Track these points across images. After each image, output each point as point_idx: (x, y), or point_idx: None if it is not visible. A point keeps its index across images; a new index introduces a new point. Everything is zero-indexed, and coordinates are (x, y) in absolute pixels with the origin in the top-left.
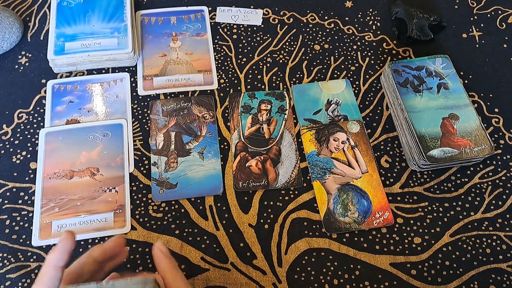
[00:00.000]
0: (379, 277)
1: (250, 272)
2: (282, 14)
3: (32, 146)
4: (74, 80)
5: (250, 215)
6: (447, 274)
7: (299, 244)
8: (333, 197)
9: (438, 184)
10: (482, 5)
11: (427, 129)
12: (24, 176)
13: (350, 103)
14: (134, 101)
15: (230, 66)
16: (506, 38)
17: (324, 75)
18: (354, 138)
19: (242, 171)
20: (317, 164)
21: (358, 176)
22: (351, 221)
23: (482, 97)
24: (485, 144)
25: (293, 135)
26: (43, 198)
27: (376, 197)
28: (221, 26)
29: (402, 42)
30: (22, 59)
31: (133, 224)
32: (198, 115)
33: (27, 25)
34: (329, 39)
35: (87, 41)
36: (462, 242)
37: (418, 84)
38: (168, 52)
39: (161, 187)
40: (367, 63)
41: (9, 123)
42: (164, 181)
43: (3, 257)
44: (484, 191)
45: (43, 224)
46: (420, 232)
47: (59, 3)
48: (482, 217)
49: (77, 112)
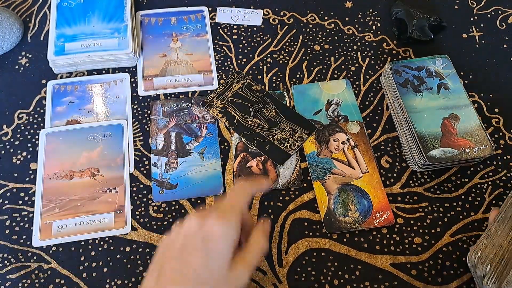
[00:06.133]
0: (380, 277)
1: None
2: (282, 14)
3: (33, 147)
4: (74, 81)
5: (251, 215)
6: (447, 274)
7: (299, 244)
8: (333, 197)
9: (438, 184)
10: (482, 5)
11: (427, 129)
12: (25, 176)
13: (350, 103)
14: (134, 101)
15: (230, 67)
16: (506, 38)
17: (324, 75)
18: (354, 138)
19: (242, 171)
20: (317, 165)
21: (358, 176)
22: (351, 220)
23: (482, 97)
24: (485, 144)
25: None
26: (44, 198)
27: (376, 196)
28: (221, 27)
29: (402, 42)
30: (22, 59)
31: (134, 224)
32: (198, 116)
33: (27, 25)
34: (329, 39)
35: (87, 42)
36: (463, 242)
37: (418, 84)
38: (168, 53)
39: (161, 188)
40: (367, 63)
41: (9, 123)
42: (165, 182)
43: (3, 258)
44: (485, 191)
45: (44, 225)
46: (420, 232)
47: (59, 3)
48: (482, 217)
49: (77, 113)
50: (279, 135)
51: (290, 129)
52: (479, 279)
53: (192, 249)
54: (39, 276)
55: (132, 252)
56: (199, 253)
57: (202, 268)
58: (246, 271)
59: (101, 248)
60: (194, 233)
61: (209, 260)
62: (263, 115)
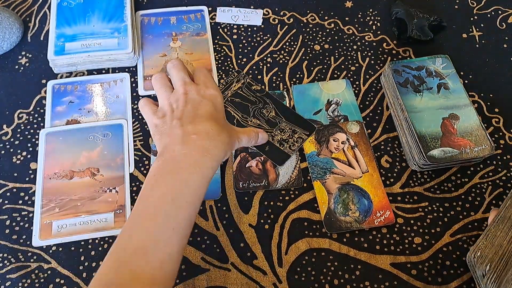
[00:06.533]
0: (380, 277)
1: (250, 272)
2: (282, 14)
3: (33, 147)
4: (74, 81)
5: (251, 215)
6: (447, 274)
7: (299, 244)
8: (333, 196)
9: (438, 184)
10: (482, 5)
11: (427, 129)
12: (25, 176)
13: (350, 103)
14: (134, 101)
15: (230, 66)
16: (506, 38)
17: (324, 75)
18: (354, 138)
19: (242, 171)
20: (317, 164)
21: (358, 176)
22: (352, 220)
23: (482, 97)
24: (485, 144)
25: None
26: (44, 198)
27: (376, 196)
28: (221, 26)
29: (402, 42)
30: (22, 59)
31: None
32: None
33: (27, 25)
34: (329, 39)
35: (87, 42)
36: (463, 242)
37: (418, 84)
38: (168, 52)
39: None
40: (367, 63)
41: (9, 123)
42: None
43: (3, 258)
44: (484, 191)
45: (44, 225)
46: (420, 232)
47: (59, 3)
48: (482, 217)
49: (77, 113)
50: (278, 135)
51: (290, 129)
52: (479, 279)
53: (203, 105)
54: (39, 276)
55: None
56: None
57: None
58: (237, 138)
59: (101, 248)
60: (200, 96)
61: (217, 112)
62: (262, 116)
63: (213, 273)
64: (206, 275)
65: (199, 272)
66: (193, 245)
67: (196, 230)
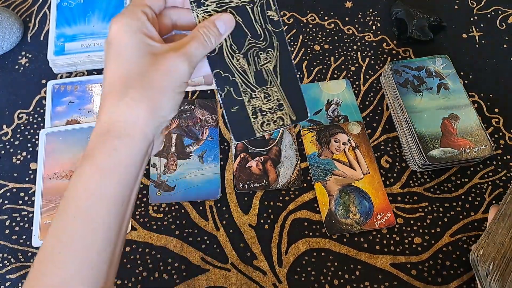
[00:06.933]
0: (380, 277)
1: (250, 273)
2: (282, 14)
3: (32, 147)
4: (74, 81)
5: (251, 215)
6: (447, 274)
7: (299, 244)
8: (334, 198)
9: (438, 184)
10: (482, 5)
11: (427, 129)
12: (24, 176)
13: (350, 103)
14: None
15: None
16: (506, 38)
17: (324, 75)
18: (355, 139)
19: (242, 172)
20: (318, 166)
21: (359, 178)
22: (352, 222)
23: (482, 97)
24: (485, 144)
25: (293, 136)
26: (43, 198)
27: (377, 198)
28: None
29: (402, 42)
30: (22, 59)
31: (133, 224)
32: (200, 118)
33: (27, 25)
34: (329, 39)
35: (87, 42)
36: (463, 242)
37: (418, 84)
38: None
39: (158, 189)
40: (367, 63)
41: (9, 123)
42: (162, 183)
43: (3, 258)
44: (484, 191)
45: (43, 225)
46: (420, 232)
47: (59, 3)
48: (482, 217)
49: (77, 113)
50: (259, 101)
51: (277, 100)
52: (482, 278)
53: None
54: None
55: (132, 252)
56: (106, 62)
57: (113, 74)
58: (180, 60)
59: None
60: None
61: (116, 63)
62: (257, 61)
63: (213, 273)
64: (206, 275)
65: (199, 272)
66: (193, 245)
67: (196, 231)
